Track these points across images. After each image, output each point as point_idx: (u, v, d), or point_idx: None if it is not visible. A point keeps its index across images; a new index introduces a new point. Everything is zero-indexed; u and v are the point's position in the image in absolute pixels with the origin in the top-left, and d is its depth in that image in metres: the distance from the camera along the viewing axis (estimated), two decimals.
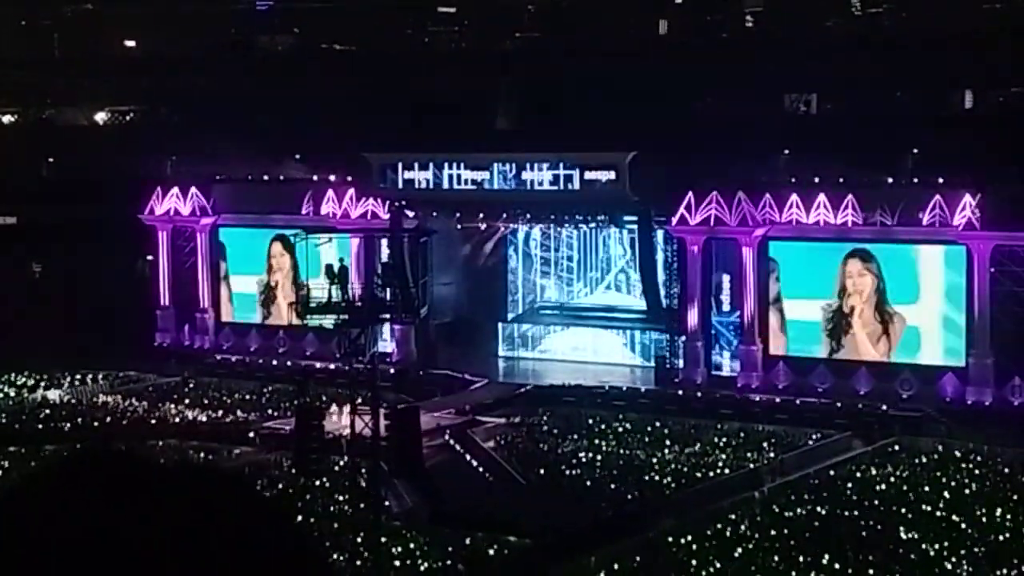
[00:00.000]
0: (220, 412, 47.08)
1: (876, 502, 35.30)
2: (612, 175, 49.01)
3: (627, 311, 53.63)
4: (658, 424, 43.64)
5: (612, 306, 54.47)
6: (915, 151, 49.90)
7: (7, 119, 77.40)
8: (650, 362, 50.93)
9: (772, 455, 40.13)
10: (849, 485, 37.11)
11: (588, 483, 37.70)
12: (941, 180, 45.90)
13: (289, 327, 54.11)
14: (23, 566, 2.12)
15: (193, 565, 2.15)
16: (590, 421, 44.22)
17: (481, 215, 52.73)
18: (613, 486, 37.29)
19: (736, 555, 31.52)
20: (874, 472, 38.31)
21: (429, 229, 52.16)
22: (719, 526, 33.36)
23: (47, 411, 47.74)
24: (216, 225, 57.23)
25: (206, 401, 48.71)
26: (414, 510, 35.50)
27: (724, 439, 41.98)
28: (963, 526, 33.13)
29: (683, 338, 48.74)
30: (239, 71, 68.04)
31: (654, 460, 39.91)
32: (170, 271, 57.69)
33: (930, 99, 61.08)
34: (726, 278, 48.30)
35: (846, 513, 34.50)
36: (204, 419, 46.26)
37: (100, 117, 75.75)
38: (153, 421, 46.13)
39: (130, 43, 76.93)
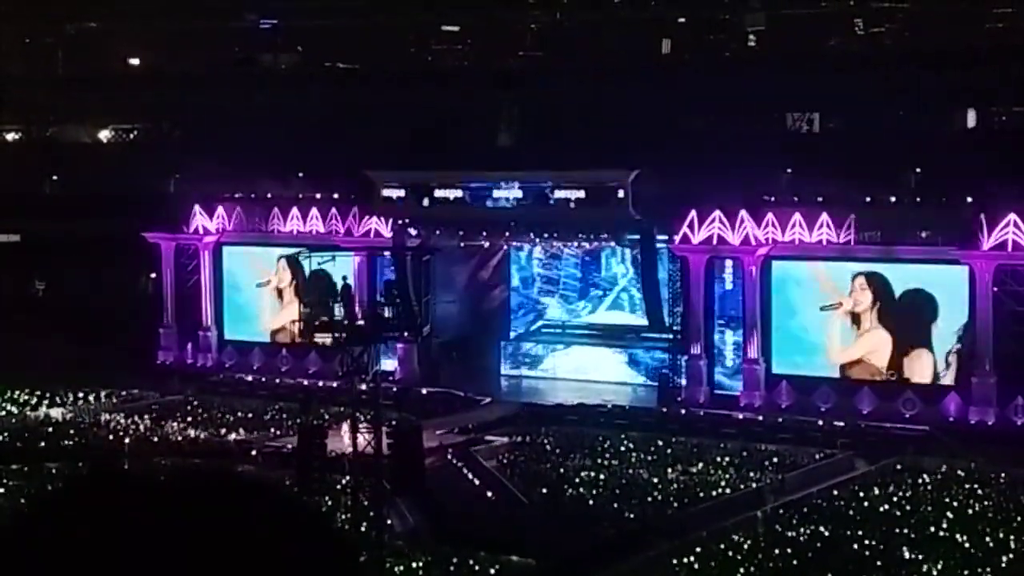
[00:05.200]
0: (223, 430, 47.04)
1: (879, 522, 35.23)
2: (615, 193, 49.05)
3: (630, 329, 53.60)
4: (660, 443, 43.58)
5: (615, 325, 54.43)
6: (918, 170, 49.93)
7: (11, 136, 77.57)
8: (653, 381, 50.90)
9: (775, 475, 40.05)
10: (852, 505, 37.05)
11: (590, 502, 37.65)
12: (944, 199, 45.91)
13: (292, 345, 54.14)
14: None
15: None
16: (592, 440, 44.15)
17: (483, 233, 52.77)
18: (615, 505, 37.24)
19: (739, 575, 31.47)
20: (877, 492, 38.22)
21: (432, 247, 52.28)
22: (722, 546, 33.29)
23: (49, 429, 47.69)
24: (219, 243, 57.26)
25: (209, 419, 48.70)
26: (416, 529, 35.44)
27: (727, 458, 41.92)
28: (967, 546, 33.06)
29: (685, 357, 48.72)
30: (243, 89, 68.18)
31: (656, 479, 39.86)
32: (173, 289, 57.69)
33: (932, 118, 61.15)
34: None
35: (849, 533, 34.43)
36: (207, 437, 46.23)
37: (104, 134, 75.92)
38: (156, 439, 46.10)
39: (133, 61, 77.09)
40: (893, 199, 46.80)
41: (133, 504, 2.17)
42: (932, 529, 34.47)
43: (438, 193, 52.20)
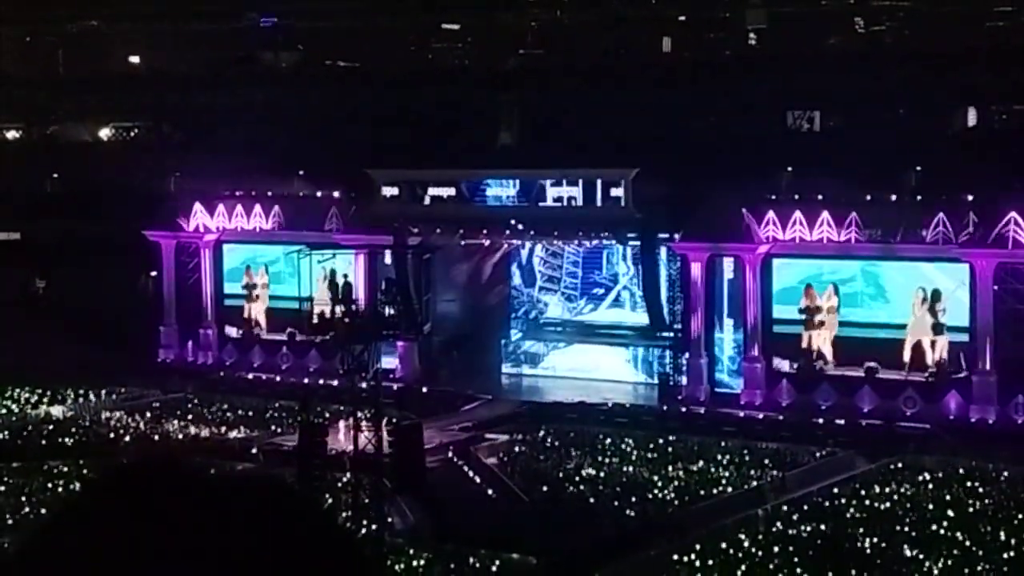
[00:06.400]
0: (223, 428, 47.07)
1: (880, 520, 35.24)
2: (615, 192, 49.08)
3: (631, 328, 53.61)
4: (661, 441, 43.58)
5: (616, 323, 54.43)
6: (918, 168, 49.93)
7: (12, 135, 77.59)
8: (653, 379, 50.90)
9: (775, 473, 40.04)
10: (852, 503, 37.06)
11: (591, 500, 37.66)
12: (944, 197, 45.91)
13: (292, 343, 54.18)
14: None
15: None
16: (593, 439, 44.14)
17: (484, 232, 52.79)
18: (616, 503, 37.25)
19: (739, 573, 31.48)
20: (877, 490, 38.24)
21: (432, 246, 52.32)
22: (722, 544, 33.30)
23: (50, 427, 47.72)
24: (220, 241, 57.24)
25: (209, 417, 48.72)
26: (417, 527, 35.46)
27: (727, 457, 41.92)
28: (967, 544, 33.08)
29: (686, 355, 48.71)
30: (243, 87, 68.21)
31: (657, 478, 39.87)
32: (173, 287, 57.68)
33: (933, 116, 61.20)
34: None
35: (849, 531, 34.46)
36: (207, 435, 46.24)
37: (104, 133, 75.92)
38: (156, 437, 46.11)
39: (134, 59, 77.14)
40: (894, 198, 46.76)
41: (170, 504, 2.15)
42: (933, 527, 34.48)
43: (438, 192, 52.23)
